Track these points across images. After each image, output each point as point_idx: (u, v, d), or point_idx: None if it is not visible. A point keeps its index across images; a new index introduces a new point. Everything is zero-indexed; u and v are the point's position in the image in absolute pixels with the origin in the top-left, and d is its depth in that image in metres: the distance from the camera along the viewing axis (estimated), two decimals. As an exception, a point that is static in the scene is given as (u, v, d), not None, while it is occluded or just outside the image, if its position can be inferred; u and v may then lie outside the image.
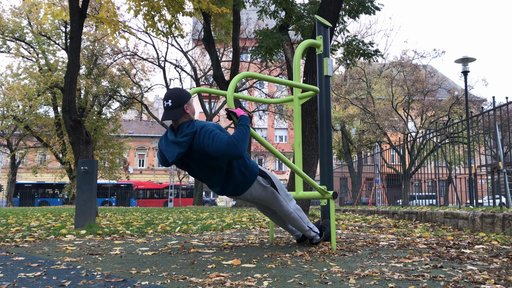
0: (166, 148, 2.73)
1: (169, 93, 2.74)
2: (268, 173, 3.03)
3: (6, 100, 23.43)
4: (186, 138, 2.63)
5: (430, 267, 2.38)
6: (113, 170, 26.21)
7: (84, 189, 5.37)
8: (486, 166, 11.52)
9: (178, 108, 2.69)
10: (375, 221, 6.58)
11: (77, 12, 7.67)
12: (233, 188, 2.87)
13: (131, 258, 2.82)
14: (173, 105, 2.69)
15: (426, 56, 35.47)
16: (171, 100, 2.69)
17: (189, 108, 2.75)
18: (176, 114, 2.69)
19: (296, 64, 3.61)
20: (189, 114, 2.76)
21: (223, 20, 15.16)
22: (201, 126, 2.68)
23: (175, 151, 2.66)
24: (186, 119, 2.75)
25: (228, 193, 2.93)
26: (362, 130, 26.26)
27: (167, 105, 2.69)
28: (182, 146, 2.64)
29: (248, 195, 2.93)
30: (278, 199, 3.01)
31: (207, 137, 2.61)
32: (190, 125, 2.68)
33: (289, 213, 3.07)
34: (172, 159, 2.68)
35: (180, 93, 2.74)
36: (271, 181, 2.98)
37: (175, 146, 2.66)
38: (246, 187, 2.87)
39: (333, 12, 7.31)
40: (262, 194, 2.95)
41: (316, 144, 7.38)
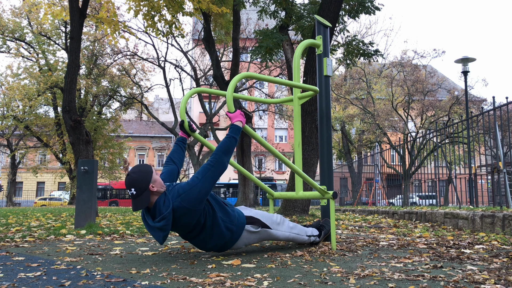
0: (151, 232, 2.58)
1: (129, 181, 2.55)
2: (254, 214, 2.93)
3: (6, 100, 23.44)
4: (164, 221, 2.49)
5: (430, 267, 2.38)
6: (113, 170, 26.23)
7: (84, 189, 5.37)
8: (486, 166, 11.53)
9: (144, 192, 2.53)
10: (375, 221, 6.58)
11: (77, 12, 7.67)
12: (222, 245, 2.80)
13: (131, 258, 2.82)
14: (138, 192, 2.52)
15: (426, 56, 35.58)
16: (134, 188, 2.52)
17: (155, 185, 2.57)
18: (145, 201, 2.53)
19: (296, 64, 3.61)
20: (158, 190, 2.58)
21: (223, 20, 15.15)
22: (176, 195, 2.56)
23: (160, 235, 2.53)
24: (157, 196, 2.58)
25: (217, 249, 2.85)
26: (362, 130, 26.27)
27: (132, 193, 2.53)
28: (164, 229, 2.52)
29: (241, 244, 2.88)
30: (272, 234, 2.96)
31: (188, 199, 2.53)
32: (166, 202, 2.54)
33: (286, 238, 3.06)
34: (161, 243, 2.57)
35: (139, 177, 2.54)
36: (260, 222, 2.89)
37: (158, 231, 2.52)
38: (235, 240, 2.81)
39: (333, 12, 7.31)
40: (254, 239, 2.91)
41: (316, 144, 7.38)
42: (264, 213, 3.01)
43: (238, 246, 2.88)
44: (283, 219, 3.08)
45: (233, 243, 2.82)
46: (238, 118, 2.78)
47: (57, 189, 39.36)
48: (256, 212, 2.96)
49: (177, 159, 3.15)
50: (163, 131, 38.93)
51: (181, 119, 3.22)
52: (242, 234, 2.81)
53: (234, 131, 2.74)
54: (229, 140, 2.71)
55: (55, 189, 39.62)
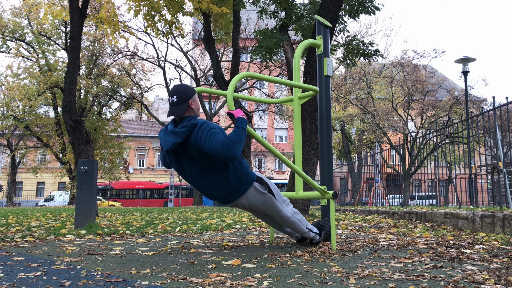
0: (164, 137, 2.73)
1: (175, 89, 2.76)
2: (265, 179, 2.98)
3: (6, 100, 23.44)
4: (184, 129, 2.64)
5: (430, 267, 2.38)
6: (113, 170, 26.23)
7: (84, 189, 5.37)
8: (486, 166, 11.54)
9: (183, 103, 2.71)
10: (375, 221, 6.58)
11: (77, 12, 7.67)
12: (227, 193, 2.80)
13: (131, 258, 2.82)
14: (178, 101, 2.71)
15: (426, 56, 35.58)
16: (176, 96, 2.71)
17: (194, 103, 2.77)
18: (181, 110, 2.71)
19: (296, 64, 3.61)
20: (194, 109, 2.78)
21: (223, 20, 15.16)
22: (202, 121, 2.70)
23: (171, 140, 2.66)
24: (190, 114, 2.76)
25: (221, 198, 2.85)
26: (362, 130, 26.26)
27: (173, 100, 2.71)
28: (178, 136, 2.64)
29: (244, 201, 2.87)
30: (276, 205, 2.96)
31: (205, 133, 2.61)
32: (192, 119, 2.70)
33: (287, 218, 3.04)
34: (166, 148, 2.68)
35: (185, 89, 2.76)
36: (268, 187, 2.93)
37: (172, 135, 2.67)
38: (241, 193, 2.82)
39: (333, 12, 7.31)
40: (259, 201, 2.90)
41: (316, 144, 7.38)
42: (275, 186, 3.06)
43: (242, 202, 2.88)
44: (289, 201, 3.12)
45: (239, 195, 2.83)
46: (241, 113, 2.81)
47: (57, 189, 39.35)
48: (269, 181, 3.02)
49: None
50: (163, 131, 38.87)
51: None
52: (249, 189, 2.84)
53: (242, 123, 2.75)
54: (240, 130, 2.70)
55: (55, 189, 39.61)
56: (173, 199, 29.45)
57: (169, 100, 2.74)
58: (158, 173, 42.13)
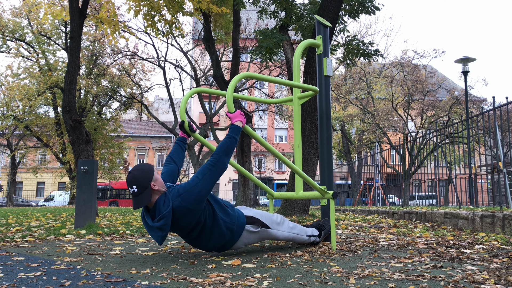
0: (150, 232, 2.59)
1: (131, 179, 2.56)
2: (253, 214, 2.93)
3: (6, 100, 23.43)
4: (163, 221, 2.50)
5: (430, 267, 2.38)
6: (113, 170, 26.23)
7: (84, 189, 5.37)
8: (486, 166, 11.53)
9: (146, 190, 2.54)
10: (375, 221, 6.58)
11: (77, 12, 7.67)
12: (222, 244, 2.80)
13: (131, 258, 2.82)
14: (139, 190, 2.53)
15: (426, 56, 35.52)
16: (135, 186, 2.54)
17: (156, 183, 2.59)
18: (146, 199, 2.54)
19: (296, 64, 3.61)
20: (159, 189, 2.60)
21: (223, 20, 15.16)
22: (176, 195, 2.57)
23: (159, 235, 2.53)
24: (158, 195, 2.60)
25: (216, 249, 2.85)
26: (362, 130, 26.25)
27: (133, 191, 2.54)
28: (164, 229, 2.53)
29: (241, 245, 2.89)
30: (272, 234, 2.97)
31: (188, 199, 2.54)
32: (166, 202, 2.55)
33: (286, 238, 3.07)
34: (160, 243, 2.58)
35: (141, 175, 2.57)
36: (260, 222, 2.90)
37: (158, 231, 2.53)
38: (235, 241, 2.82)
39: (333, 12, 7.31)
40: (254, 238, 2.92)
41: (316, 144, 7.38)
42: (264, 213, 3.01)
43: (238, 246, 2.88)
44: (283, 219, 3.08)
45: (233, 243, 2.83)
46: (238, 118, 2.78)
47: (57, 189, 39.35)
48: (256, 212, 2.96)
49: (177, 158, 3.15)
50: (163, 131, 38.94)
51: (181, 120, 3.22)
52: (242, 234, 2.82)
53: (234, 131, 2.74)
54: (229, 140, 2.71)
55: (55, 189, 39.61)
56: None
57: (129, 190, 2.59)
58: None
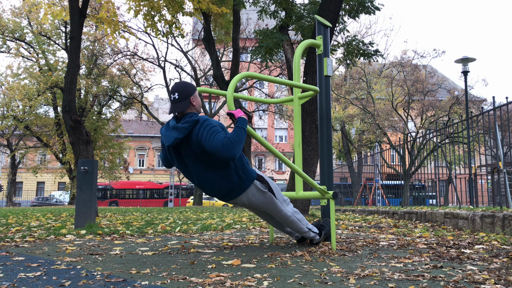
0: (165, 133, 2.75)
1: (176, 86, 2.77)
2: (265, 178, 3.00)
3: (6, 100, 23.43)
4: (186, 125, 2.66)
5: (430, 267, 2.38)
6: (113, 170, 26.23)
7: (84, 189, 5.37)
8: (486, 166, 11.53)
9: (184, 100, 2.73)
10: (375, 221, 6.58)
11: (77, 12, 7.67)
12: (227, 190, 2.82)
13: (131, 258, 2.82)
14: (179, 98, 2.73)
15: (426, 56, 35.49)
16: (177, 93, 2.73)
17: (195, 100, 2.79)
18: (182, 107, 2.73)
19: (296, 64, 3.61)
20: (195, 106, 2.79)
21: (223, 20, 15.16)
22: (204, 118, 2.71)
23: (173, 135, 2.68)
24: (191, 110, 2.78)
25: (221, 195, 2.87)
26: (362, 130, 26.25)
27: (174, 98, 2.73)
28: (180, 131, 2.66)
29: (245, 199, 2.89)
30: (276, 204, 2.98)
31: (206, 131, 2.63)
32: (194, 116, 2.72)
33: (287, 217, 3.05)
34: (168, 143, 2.69)
35: (186, 85, 2.78)
36: (268, 186, 2.95)
37: (174, 131, 2.69)
38: (241, 190, 2.84)
39: (333, 12, 7.31)
40: (259, 199, 2.92)
41: (316, 144, 7.38)
42: (276, 185, 3.06)
43: (242, 200, 2.90)
44: (289, 201, 3.13)
45: (239, 193, 2.85)
46: (241, 113, 2.82)
47: (57, 189, 39.36)
48: (269, 180, 3.03)
49: None
50: (163, 131, 38.89)
51: None
52: (249, 187, 2.85)
53: (241, 123, 2.76)
54: (240, 131, 2.71)
55: (55, 189, 39.62)
56: (173, 199, 29.44)
57: (170, 97, 2.76)
58: (158, 173, 42.13)
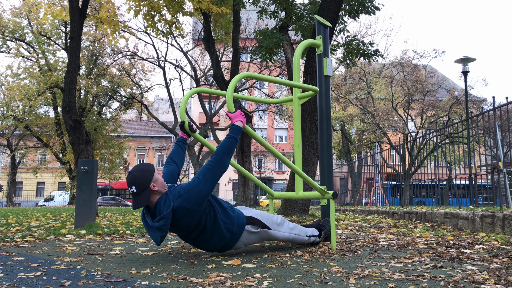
0: (149, 232, 2.59)
1: (130, 179, 2.56)
2: (254, 215, 2.93)
3: (6, 100, 23.43)
4: (163, 221, 2.49)
5: (430, 267, 2.38)
6: (113, 170, 26.23)
7: (84, 189, 5.37)
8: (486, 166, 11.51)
9: (144, 191, 2.54)
10: (375, 221, 6.58)
11: (77, 12, 7.67)
12: (222, 246, 2.81)
13: (131, 258, 2.82)
14: (138, 191, 2.53)
15: (426, 56, 35.49)
16: (134, 187, 2.54)
17: (156, 184, 2.58)
18: (145, 199, 2.54)
19: (296, 64, 3.61)
20: (159, 189, 2.59)
21: (223, 20, 15.15)
22: (176, 195, 2.56)
23: (158, 235, 2.54)
24: (158, 195, 2.59)
25: (217, 250, 2.86)
26: (362, 130, 26.25)
27: (132, 191, 2.54)
28: (164, 229, 2.53)
29: (241, 245, 2.89)
30: (272, 234, 2.97)
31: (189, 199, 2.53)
32: (167, 202, 2.54)
33: (286, 239, 3.07)
34: (158, 243, 2.58)
35: (140, 176, 2.56)
36: (260, 223, 2.90)
37: (157, 231, 2.53)
38: (235, 241, 2.82)
39: (333, 12, 7.31)
40: (254, 239, 2.92)
41: (316, 144, 7.38)
42: (264, 213, 3.02)
43: (238, 246, 2.89)
44: (283, 219, 3.08)
45: (233, 244, 2.83)
46: (239, 118, 2.78)
47: (57, 189, 39.35)
48: (256, 213, 2.96)
49: (177, 159, 3.15)
50: (163, 131, 38.95)
51: (182, 120, 3.22)
52: (242, 235, 2.82)
53: (234, 131, 2.74)
54: (230, 141, 2.71)
55: (55, 189, 39.61)
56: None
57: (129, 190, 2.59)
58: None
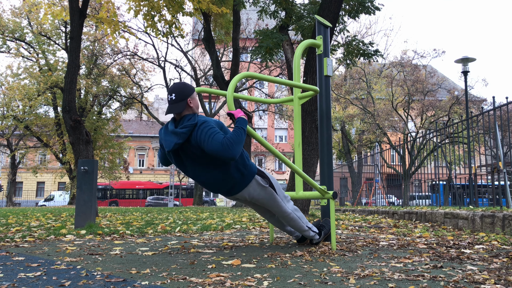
0: (165, 137, 2.74)
1: (173, 87, 2.77)
2: (266, 173, 3.01)
3: (6, 100, 23.44)
4: (185, 129, 2.65)
5: (430, 267, 2.38)
6: (113, 170, 26.23)
7: (84, 189, 5.37)
8: (486, 166, 11.52)
9: (181, 101, 2.72)
10: (375, 221, 6.58)
11: (77, 12, 7.67)
12: (229, 186, 2.84)
13: (131, 258, 2.82)
14: (176, 99, 2.72)
15: (426, 56, 35.54)
16: (174, 94, 2.72)
17: (192, 101, 2.77)
18: (179, 108, 2.72)
19: (296, 64, 3.61)
20: (193, 107, 2.78)
21: (223, 20, 15.16)
22: (202, 121, 2.69)
23: (172, 141, 2.67)
24: (189, 112, 2.77)
25: (223, 191, 2.89)
26: (362, 130, 26.25)
27: (171, 98, 2.72)
28: (180, 136, 2.65)
29: (246, 194, 2.90)
30: (277, 200, 2.98)
31: (204, 133, 2.63)
32: (192, 118, 2.71)
33: (287, 214, 3.05)
34: (168, 148, 2.70)
35: (184, 87, 2.77)
36: (269, 181, 2.96)
37: (173, 136, 2.68)
38: (243, 186, 2.85)
39: (333, 12, 7.31)
40: (260, 194, 2.93)
41: (316, 144, 7.38)
42: (277, 182, 3.07)
43: (244, 195, 2.91)
44: (289, 198, 3.14)
45: (241, 188, 2.86)
46: (241, 113, 2.81)
47: (57, 189, 39.35)
48: (270, 176, 3.03)
49: None
50: (163, 131, 38.89)
51: None
52: (250, 182, 2.86)
53: (241, 123, 2.76)
54: (240, 131, 2.71)
55: (55, 189, 39.61)
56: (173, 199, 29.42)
57: (167, 97, 2.76)
58: (158, 173, 42.12)
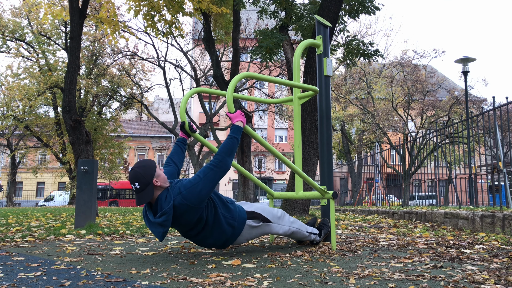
0: (150, 227, 2.60)
1: (133, 175, 2.57)
2: (255, 209, 2.94)
3: (6, 100, 23.43)
4: (165, 217, 2.51)
5: (430, 267, 2.38)
6: (113, 170, 26.23)
7: (84, 189, 5.37)
8: (486, 166, 11.52)
9: (147, 187, 2.56)
10: (375, 221, 6.58)
11: (77, 12, 7.67)
12: (224, 241, 2.82)
13: (131, 258, 2.82)
14: (141, 187, 2.54)
15: (426, 56, 35.43)
16: (137, 183, 2.55)
17: (158, 179, 2.60)
18: (148, 195, 2.56)
19: (296, 64, 3.61)
20: (161, 185, 2.61)
21: (223, 20, 15.15)
22: (177, 192, 2.58)
23: (160, 231, 2.55)
24: (160, 191, 2.61)
25: (218, 246, 2.86)
26: (362, 130, 26.26)
27: (136, 188, 2.55)
28: (165, 225, 2.54)
29: (242, 240, 2.90)
30: (273, 228, 2.98)
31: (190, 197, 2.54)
32: (168, 198, 2.56)
33: (286, 232, 3.07)
34: (160, 239, 2.59)
35: (143, 171, 2.57)
36: (261, 216, 2.91)
37: (159, 227, 2.54)
38: (236, 236, 2.83)
39: (333, 12, 7.31)
40: (256, 233, 2.93)
41: (316, 144, 7.38)
42: (265, 207, 3.03)
43: (240, 241, 2.90)
44: (283, 213, 3.10)
45: (234, 239, 2.84)
46: (239, 118, 2.78)
47: (57, 189, 39.35)
48: (257, 207, 2.98)
49: (177, 159, 3.15)
50: (163, 131, 38.94)
51: (182, 121, 3.22)
52: (243, 230, 2.83)
53: (235, 131, 2.74)
54: (231, 141, 2.71)
55: (55, 189, 39.61)
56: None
57: (132, 186, 2.60)
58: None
